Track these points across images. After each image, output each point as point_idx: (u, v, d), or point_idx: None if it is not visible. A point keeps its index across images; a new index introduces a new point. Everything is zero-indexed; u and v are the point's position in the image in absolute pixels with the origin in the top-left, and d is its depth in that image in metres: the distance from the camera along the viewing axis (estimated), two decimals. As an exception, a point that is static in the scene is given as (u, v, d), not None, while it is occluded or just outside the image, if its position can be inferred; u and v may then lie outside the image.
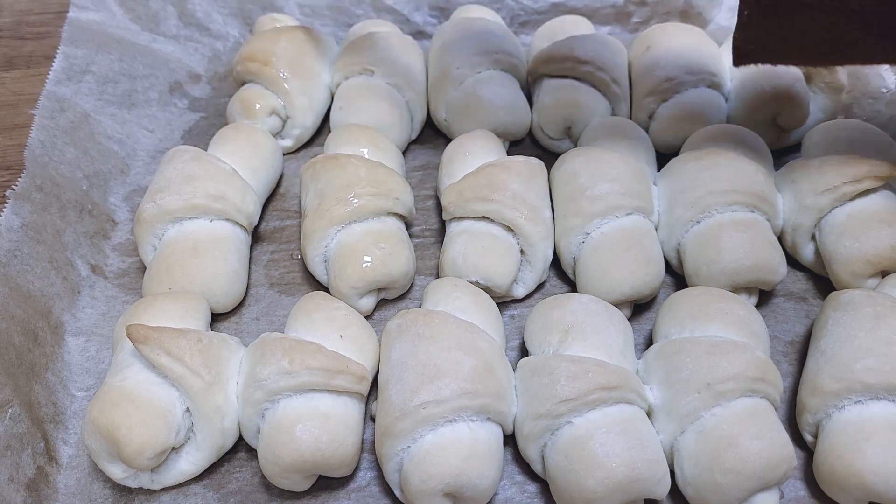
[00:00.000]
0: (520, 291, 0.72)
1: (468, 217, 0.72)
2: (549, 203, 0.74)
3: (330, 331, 0.63)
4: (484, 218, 0.71)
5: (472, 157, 0.76)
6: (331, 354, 0.60)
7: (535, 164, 0.76)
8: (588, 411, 0.57)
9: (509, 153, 0.83)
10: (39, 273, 0.70)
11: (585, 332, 0.61)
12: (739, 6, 0.62)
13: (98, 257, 0.76)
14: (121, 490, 0.61)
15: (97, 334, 0.71)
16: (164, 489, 0.61)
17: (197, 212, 0.71)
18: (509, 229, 0.71)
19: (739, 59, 0.66)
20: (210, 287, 0.69)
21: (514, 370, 0.62)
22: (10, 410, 0.61)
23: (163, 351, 0.59)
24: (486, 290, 0.69)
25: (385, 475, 0.59)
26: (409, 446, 0.57)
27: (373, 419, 0.62)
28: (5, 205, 0.71)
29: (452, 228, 0.73)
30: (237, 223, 0.73)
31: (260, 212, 0.77)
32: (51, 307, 0.70)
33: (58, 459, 0.63)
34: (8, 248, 0.68)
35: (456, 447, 0.56)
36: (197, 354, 0.60)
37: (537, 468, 0.60)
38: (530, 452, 0.59)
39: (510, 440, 0.61)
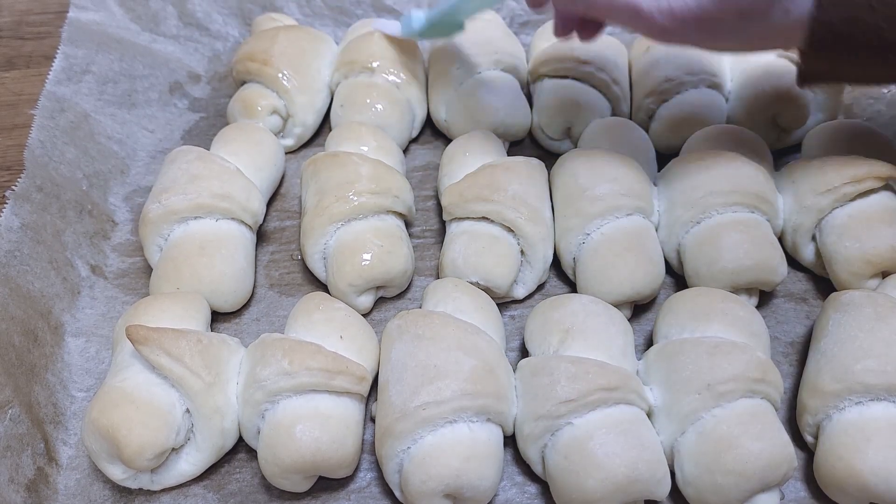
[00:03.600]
0: (520, 292, 0.72)
1: (468, 217, 0.72)
2: (549, 203, 0.74)
3: (330, 331, 0.63)
4: (484, 218, 0.71)
5: (472, 158, 0.76)
6: (330, 355, 0.60)
7: (535, 164, 0.76)
8: (588, 412, 0.57)
9: (509, 153, 0.83)
10: (39, 273, 0.70)
11: (586, 333, 0.61)
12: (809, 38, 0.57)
13: (98, 258, 0.76)
14: (121, 491, 0.61)
15: (97, 335, 0.71)
16: (164, 490, 0.61)
17: (203, 211, 0.71)
18: (509, 230, 0.71)
19: (805, 81, 0.63)
20: (218, 286, 0.69)
21: (514, 371, 0.62)
22: (10, 411, 0.61)
23: (163, 352, 0.58)
24: (487, 290, 0.69)
25: (385, 476, 0.59)
26: (409, 447, 0.57)
27: (373, 420, 0.62)
28: (5, 205, 0.70)
29: (452, 229, 0.73)
30: (243, 222, 0.73)
31: (265, 210, 0.77)
32: (51, 307, 0.70)
33: (58, 460, 0.63)
34: (8, 249, 0.68)
35: (456, 448, 0.56)
36: (197, 355, 0.60)
37: (537, 469, 0.60)
38: (530, 453, 0.59)
39: (510, 441, 0.61)
